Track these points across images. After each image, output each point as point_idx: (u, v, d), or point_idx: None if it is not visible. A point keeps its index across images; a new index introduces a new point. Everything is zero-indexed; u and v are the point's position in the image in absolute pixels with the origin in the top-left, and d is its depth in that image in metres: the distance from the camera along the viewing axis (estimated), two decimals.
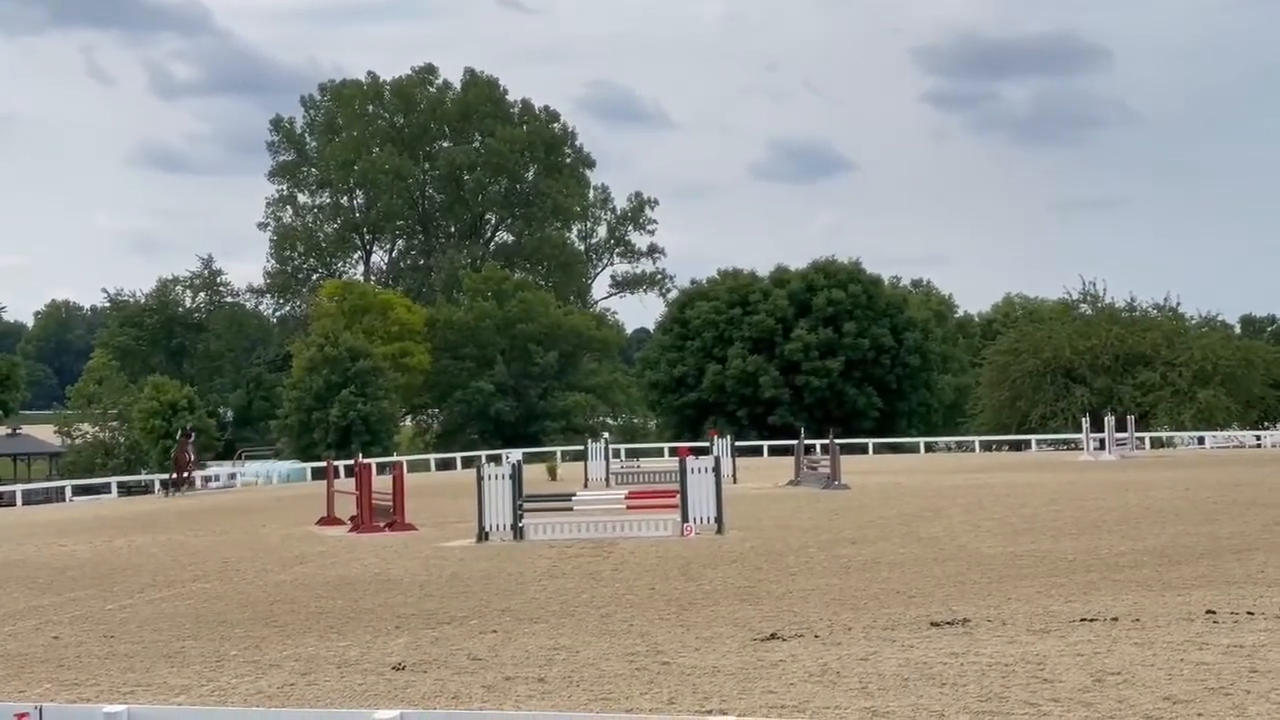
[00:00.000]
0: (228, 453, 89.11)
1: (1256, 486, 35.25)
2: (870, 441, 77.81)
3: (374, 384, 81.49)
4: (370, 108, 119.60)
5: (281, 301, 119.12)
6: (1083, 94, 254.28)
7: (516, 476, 28.28)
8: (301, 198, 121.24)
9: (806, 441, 49.81)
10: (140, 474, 73.09)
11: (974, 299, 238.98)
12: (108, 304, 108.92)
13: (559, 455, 68.73)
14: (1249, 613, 14.89)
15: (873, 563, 22.02)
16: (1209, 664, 12.00)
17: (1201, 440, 75.57)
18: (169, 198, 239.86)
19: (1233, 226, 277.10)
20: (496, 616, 17.50)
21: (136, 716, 7.30)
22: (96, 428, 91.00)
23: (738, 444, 58.45)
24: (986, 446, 79.99)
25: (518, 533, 27.63)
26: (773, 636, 14.68)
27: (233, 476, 70.38)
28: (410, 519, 31.56)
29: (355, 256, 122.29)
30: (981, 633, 14.37)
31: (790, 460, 48.40)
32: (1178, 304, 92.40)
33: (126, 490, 63.87)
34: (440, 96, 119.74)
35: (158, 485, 58.73)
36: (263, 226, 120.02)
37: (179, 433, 59.49)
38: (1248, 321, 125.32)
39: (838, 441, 43.73)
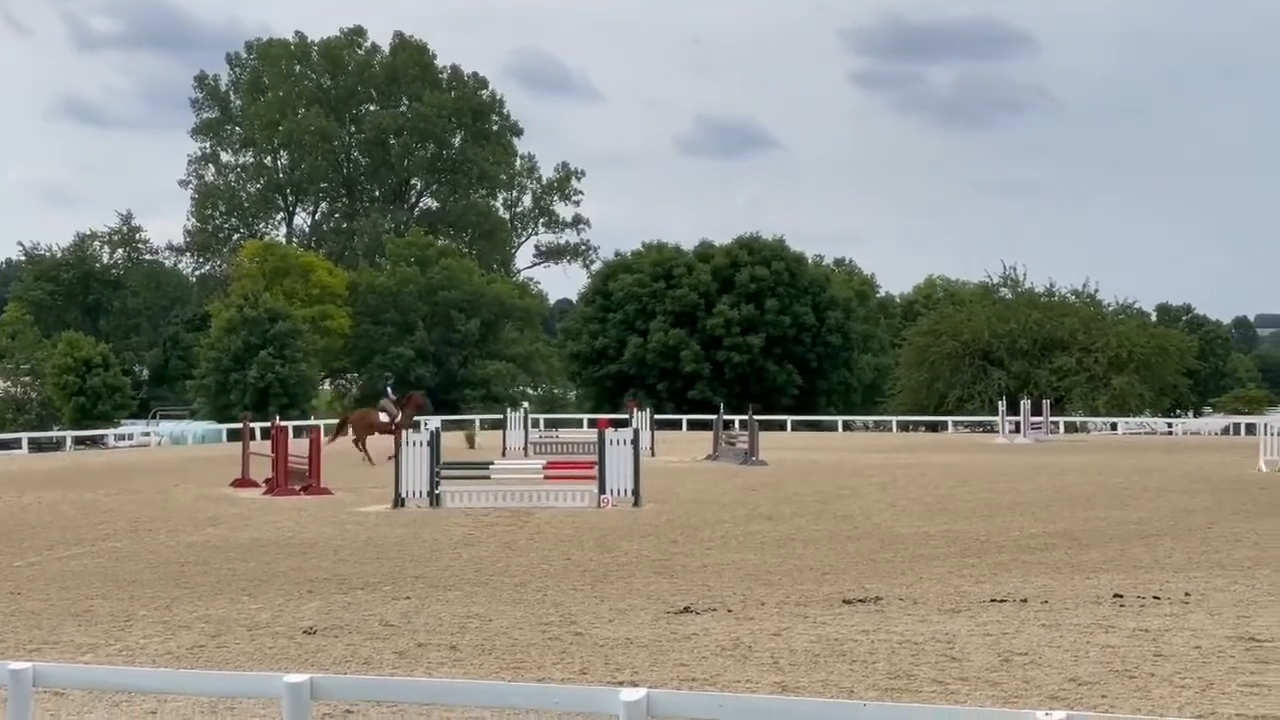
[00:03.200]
0: (142, 412, 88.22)
1: (1166, 473, 35.72)
2: (789, 419, 78.21)
3: (293, 346, 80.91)
4: (297, 68, 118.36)
5: (201, 260, 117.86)
6: (1005, 79, 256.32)
7: (434, 443, 28.21)
8: (224, 156, 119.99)
9: (725, 417, 50.00)
10: (53, 430, 72.26)
11: (895, 279, 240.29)
12: (23, 257, 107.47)
13: (478, 423, 68.65)
14: (1155, 597, 15.09)
15: (787, 539, 22.13)
16: (1114, 647, 12.15)
17: (1114, 426, 76.52)
18: (87, 151, 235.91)
19: (1151, 215, 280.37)
20: (410, 583, 17.46)
21: (42, 674, 7.22)
22: (8, 383, 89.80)
23: (657, 417, 58.58)
24: (904, 427, 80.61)
25: (434, 500, 27.58)
26: (686, 610, 14.73)
27: (146, 435, 69.84)
28: (326, 483, 31.42)
29: (278, 218, 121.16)
30: (893, 611, 14.49)
31: (709, 435, 48.57)
32: (1096, 290, 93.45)
33: (38, 446, 63.15)
34: (368, 59, 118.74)
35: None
36: (184, 184, 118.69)
37: (388, 386, 49.54)
38: (1163, 310, 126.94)
39: (756, 418, 43.91)
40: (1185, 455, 46.14)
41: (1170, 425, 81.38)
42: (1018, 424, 60.17)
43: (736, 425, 52.58)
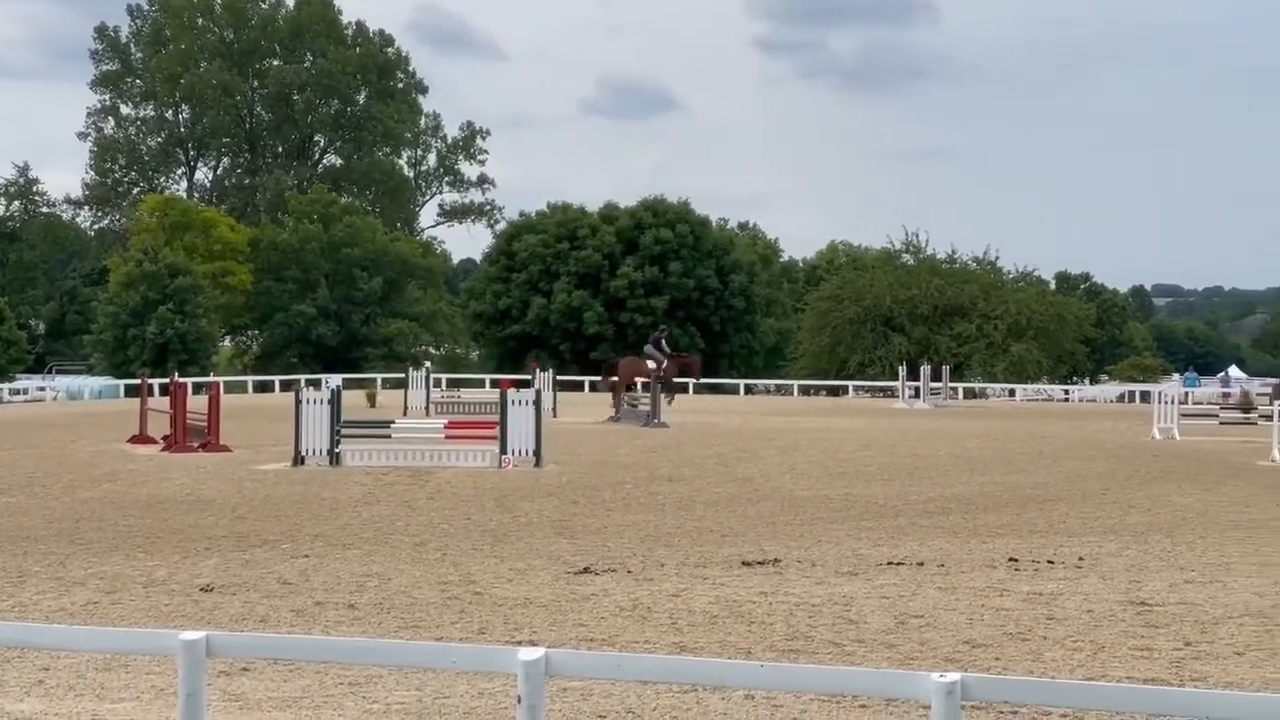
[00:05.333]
0: (38, 366, 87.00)
1: (1062, 440, 36.17)
2: (690, 382, 78.31)
3: (193, 302, 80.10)
4: (199, 20, 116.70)
5: (100, 214, 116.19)
6: (909, 46, 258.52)
7: (335, 401, 28.03)
8: (124, 109, 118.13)
9: None
10: None
11: (799, 244, 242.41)
12: None
13: (379, 382, 68.24)
14: (1049, 561, 15.29)
15: (688, 501, 22.20)
16: (1009, 610, 12.31)
17: (1012, 392, 77.41)
18: None
19: (1053, 184, 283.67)
20: (309, 541, 17.36)
21: None
22: None
23: (559, 378, 58.54)
24: (805, 390, 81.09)
25: (334, 458, 27.40)
26: (586, 570, 14.75)
27: (42, 390, 68.88)
28: (225, 440, 31.11)
29: (179, 172, 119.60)
30: (791, 573, 14.58)
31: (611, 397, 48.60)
32: (996, 258, 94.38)
33: None
34: (272, 13, 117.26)
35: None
36: (83, 136, 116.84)
37: (662, 337, 46.16)
38: (1062, 278, 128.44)
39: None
40: (1081, 422, 46.76)
41: (1067, 392, 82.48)
42: (918, 389, 60.71)
43: (639, 387, 52.60)
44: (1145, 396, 61.74)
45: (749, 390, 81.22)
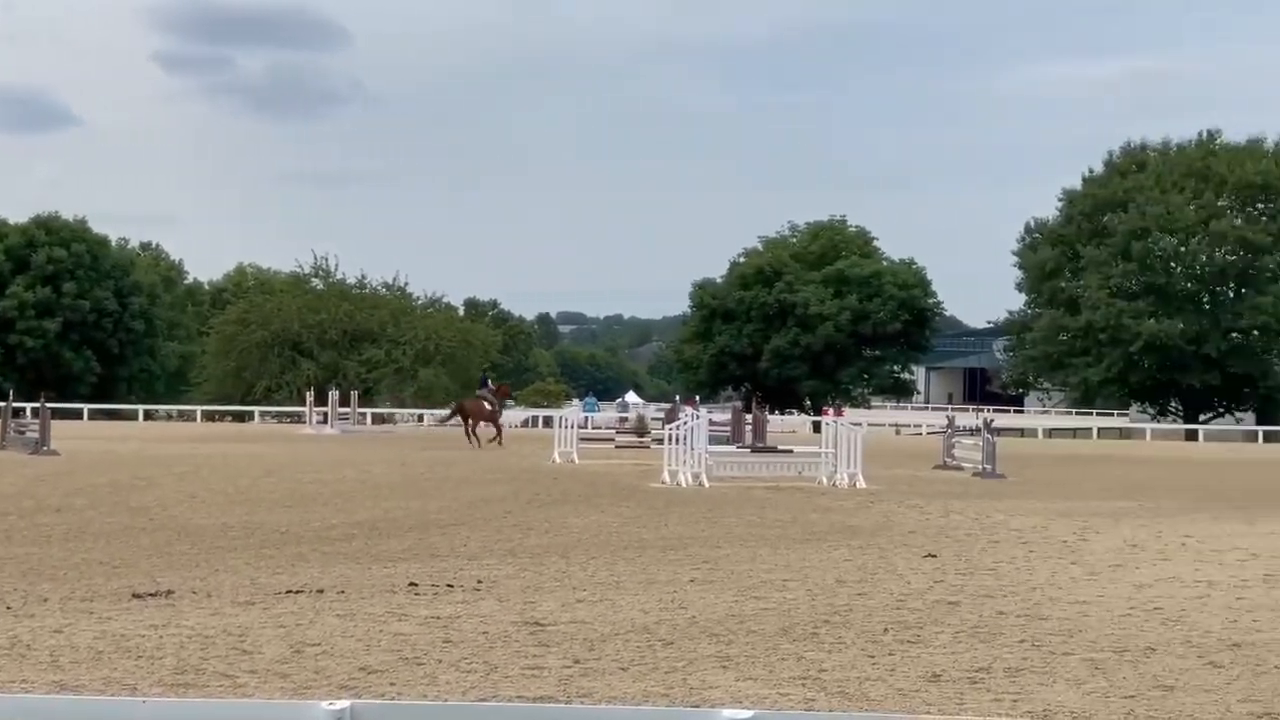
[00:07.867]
0: None
1: (468, 465, 36.79)
2: (86, 407, 75.53)
3: None
4: None
5: None
6: (321, 69, 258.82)
7: None
8: None
9: (15, 404, 47.62)
10: None
11: (206, 266, 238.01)
12: None
13: None
14: (449, 585, 15.40)
15: (77, 532, 21.21)
16: (406, 635, 12.28)
17: (421, 418, 78.31)
18: None
19: (464, 212, 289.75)
20: None
21: None
22: None
23: None
24: (209, 416, 79.39)
25: None
26: None
27: None
28: None
29: None
30: (185, 604, 14.10)
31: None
32: (406, 284, 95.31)
33: None
34: None
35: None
36: None
37: (486, 378, 55.73)
38: (471, 304, 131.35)
39: (49, 405, 42.07)
40: (486, 449, 47.67)
41: None
42: (326, 415, 60.46)
43: (27, 413, 50.14)
44: (548, 421, 63.58)
45: (149, 416, 78.86)
